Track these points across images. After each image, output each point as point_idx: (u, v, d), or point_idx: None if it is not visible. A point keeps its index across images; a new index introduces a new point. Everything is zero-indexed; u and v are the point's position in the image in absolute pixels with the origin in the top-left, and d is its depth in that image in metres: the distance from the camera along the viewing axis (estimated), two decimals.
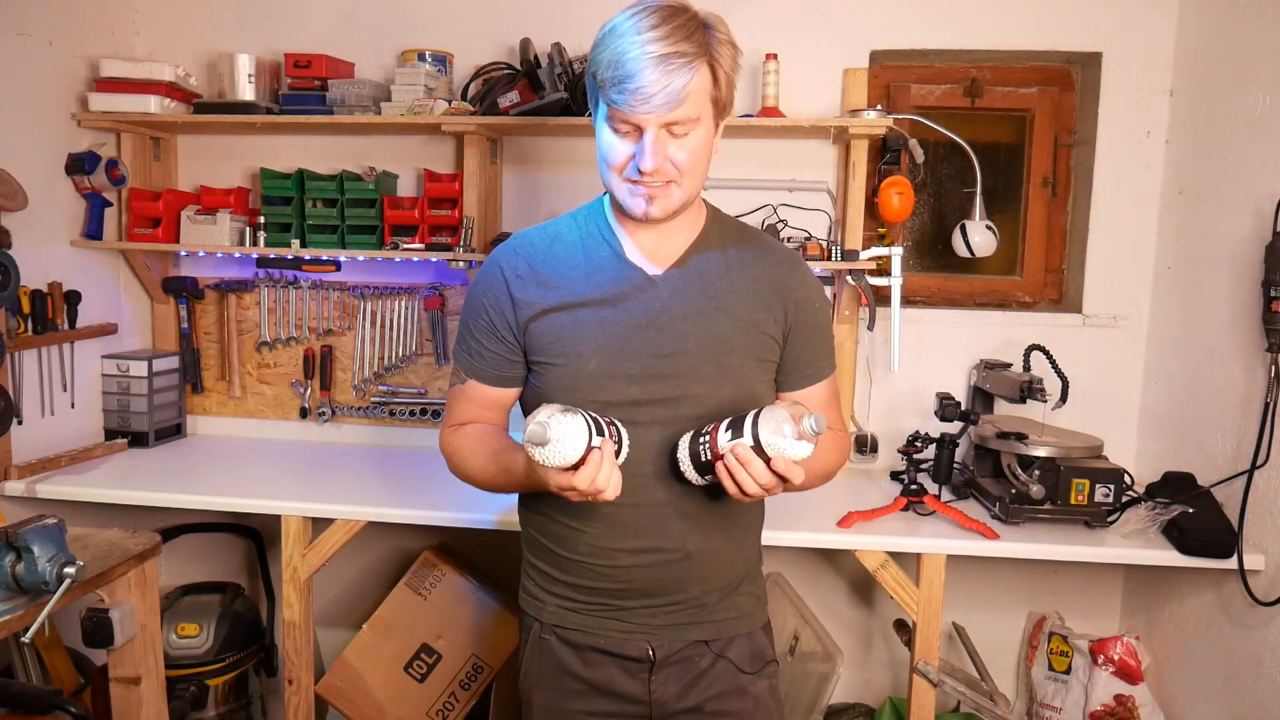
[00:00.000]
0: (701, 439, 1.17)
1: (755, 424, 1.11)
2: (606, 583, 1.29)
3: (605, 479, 1.09)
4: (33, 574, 1.29)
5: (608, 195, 1.29)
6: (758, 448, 1.11)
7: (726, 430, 1.14)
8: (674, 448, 1.21)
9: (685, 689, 1.32)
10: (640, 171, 1.16)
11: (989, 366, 2.31)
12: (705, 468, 1.17)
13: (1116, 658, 2.21)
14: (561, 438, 1.05)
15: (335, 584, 2.66)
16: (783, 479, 1.12)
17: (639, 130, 1.15)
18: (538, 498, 1.33)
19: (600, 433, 1.11)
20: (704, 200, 1.34)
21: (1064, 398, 2.10)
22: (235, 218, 2.43)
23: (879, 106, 2.24)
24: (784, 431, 1.10)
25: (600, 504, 1.21)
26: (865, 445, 2.40)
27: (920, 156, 2.28)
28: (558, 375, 1.25)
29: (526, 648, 1.39)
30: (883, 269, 2.31)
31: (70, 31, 2.33)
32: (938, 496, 2.08)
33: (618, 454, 1.15)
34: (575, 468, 1.08)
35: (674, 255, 1.29)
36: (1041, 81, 2.40)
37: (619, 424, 1.18)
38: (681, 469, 1.20)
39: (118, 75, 2.33)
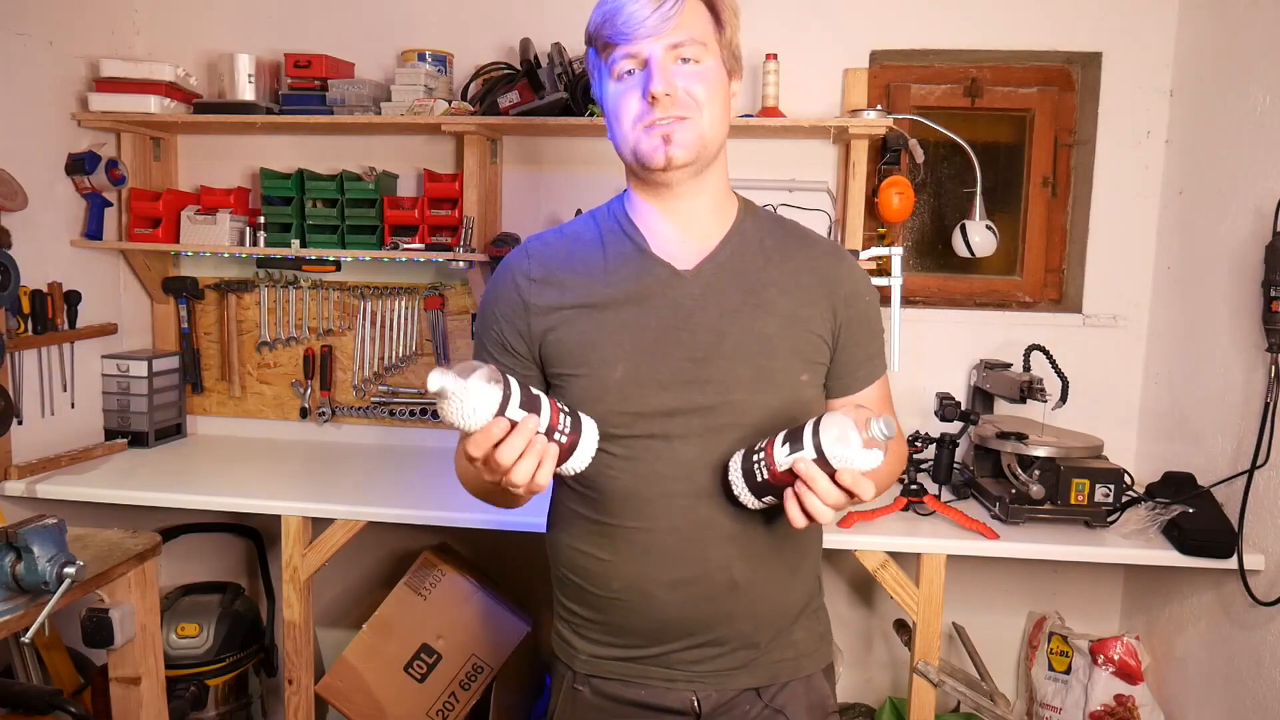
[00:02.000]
0: (756, 456, 1.02)
1: (816, 433, 0.96)
2: (644, 622, 1.14)
3: (508, 455, 0.92)
4: (33, 574, 1.29)
5: (628, 190, 1.21)
6: (821, 460, 0.96)
7: (784, 444, 0.99)
8: (725, 468, 1.07)
9: None
10: (652, 98, 1.06)
11: (989, 366, 2.31)
12: (761, 488, 1.03)
13: (1116, 658, 2.21)
14: (461, 393, 0.90)
15: (335, 584, 2.66)
16: (849, 494, 0.97)
17: (644, 66, 1.07)
18: (564, 529, 1.21)
19: (530, 407, 0.95)
20: (736, 192, 1.24)
21: (1064, 398, 2.10)
22: (235, 218, 2.43)
23: (879, 106, 2.24)
24: (849, 439, 0.95)
25: (630, 529, 1.12)
26: None
27: (920, 156, 2.28)
28: (580, 388, 1.11)
29: (559, 696, 1.24)
30: (883, 269, 2.30)
31: (70, 31, 2.33)
32: (938, 496, 2.08)
33: (570, 450, 1.00)
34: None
35: (704, 248, 1.16)
36: (1041, 81, 2.40)
37: (582, 417, 1.03)
38: (735, 492, 1.05)
39: (118, 75, 2.33)
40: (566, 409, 1.01)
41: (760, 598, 1.15)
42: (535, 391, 0.98)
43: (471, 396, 0.90)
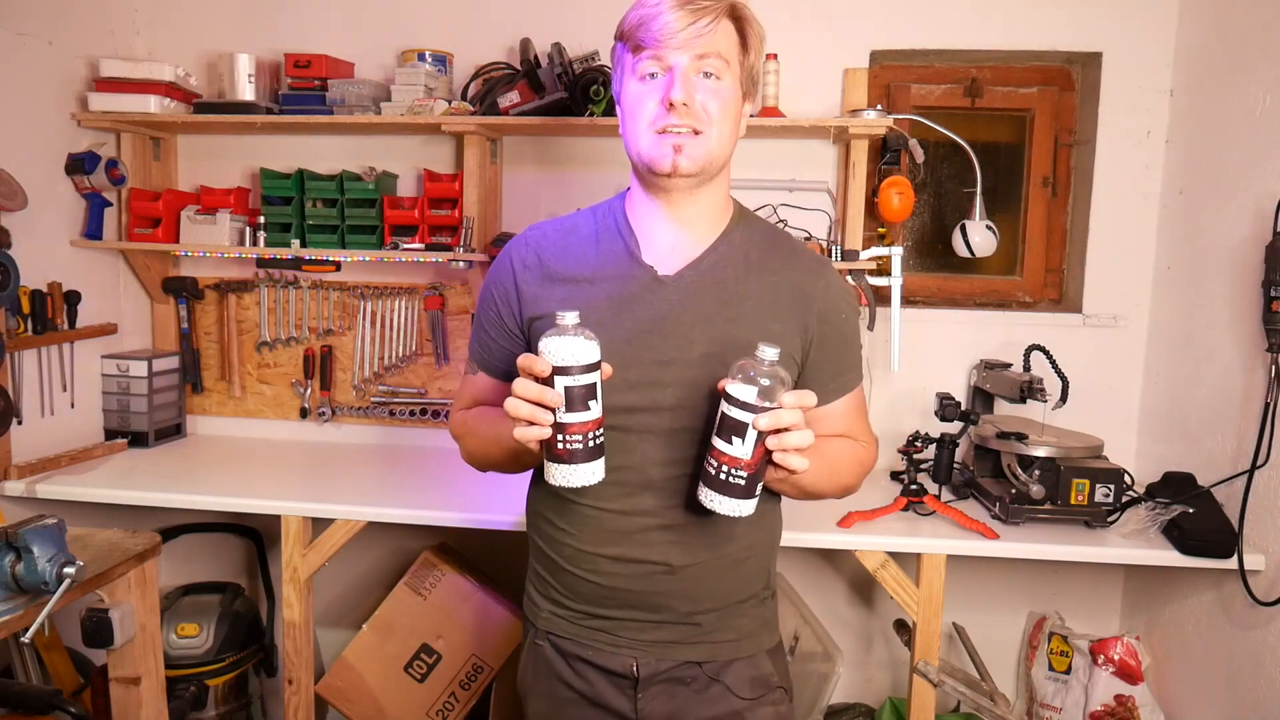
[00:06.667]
0: (723, 471, 1.07)
1: (734, 404, 1.03)
2: (590, 590, 1.25)
3: (521, 390, 1.05)
4: (33, 574, 1.29)
5: (629, 190, 1.26)
6: (752, 407, 1.03)
7: (722, 439, 1.05)
8: (697, 502, 1.12)
9: (676, 711, 1.26)
10: (670, 105, 1.12)
11: (989, 366, 2.31)
12: (749, 484, 1.08)
13: (1116, 658, 2.21)
14: (567, 330, 1.04)
15: (335, 584, 2.66)
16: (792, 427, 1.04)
17: (667, 72, 1.14)
18: (539, 499, 1.31)
19: (574, 404, 1.05)
20: (734, 200, 1.29)
21: (1064, 398, 2.10)
22: (235, 218, 2.43)
23: (879, 106, 2.24)
24: (749, 372, 1.04)
25: (584, 506, 1.21)
26: None
27: (920, 156, 2.28)
28: None
29: (525, 650, 1.37)
30: (883, 269, 2.31)
31: (70, 31, 2.33)
32: (938, 496, 2.08)
33: (561, 457, 1.08)
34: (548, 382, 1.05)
35: (691, 254, 1.22)
36: (1041, 81, 2.40)
37: (600, 464, 1.12)
38: (728, 511, 1.09)
39: (118, 75, 2.33)
40: (597, 441, 1.08)
41: (697, 583, 1.23)
42: (599, 402, 1.07)
43: (568, 341, 1.04)
